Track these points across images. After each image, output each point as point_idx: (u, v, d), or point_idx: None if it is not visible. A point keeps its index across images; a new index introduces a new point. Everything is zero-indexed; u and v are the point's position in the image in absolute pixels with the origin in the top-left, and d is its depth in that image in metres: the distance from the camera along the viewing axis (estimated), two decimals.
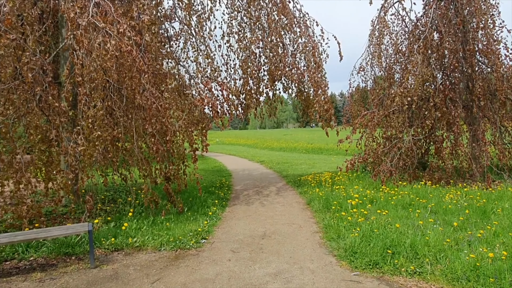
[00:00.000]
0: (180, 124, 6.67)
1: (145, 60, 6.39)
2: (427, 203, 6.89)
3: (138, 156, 6.16)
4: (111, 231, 5.50)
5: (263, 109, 10.21)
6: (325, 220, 6.17)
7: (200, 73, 7.33)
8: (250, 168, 15.75)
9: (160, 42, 6.41)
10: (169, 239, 5.26)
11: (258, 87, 8.95)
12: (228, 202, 8.28)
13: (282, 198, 8.58)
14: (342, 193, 7.90)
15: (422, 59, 7.93)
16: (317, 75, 8.38)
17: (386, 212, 6.10)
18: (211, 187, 9.83)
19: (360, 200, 6.89)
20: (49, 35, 6.93)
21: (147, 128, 5.83)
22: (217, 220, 6.53)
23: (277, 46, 8.43)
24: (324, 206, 7.11)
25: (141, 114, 6.10)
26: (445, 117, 8.34)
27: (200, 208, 7.21)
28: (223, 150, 28.65)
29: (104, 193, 7.92)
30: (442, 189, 8.20)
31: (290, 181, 11.05)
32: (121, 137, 6.00)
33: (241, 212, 7.23)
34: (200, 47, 7.67)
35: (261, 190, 9.87)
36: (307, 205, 7.75)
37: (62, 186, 5.69)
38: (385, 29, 9.76)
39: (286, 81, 9.48)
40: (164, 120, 6.02)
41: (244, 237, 5.57)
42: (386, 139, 10.45)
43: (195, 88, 7.10)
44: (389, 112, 10.20)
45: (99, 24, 4.98)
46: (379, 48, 9.84)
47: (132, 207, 7.03)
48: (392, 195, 7.67)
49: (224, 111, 7.32)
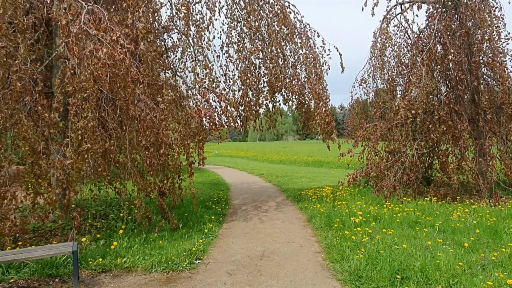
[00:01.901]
0: (175, 137, 6.39)
1: (140, 69, 6.16)
2: (434, 221, 6.56)
3: (131, 170, 5.86)
4: (99, 250, 5.16)
5: (262, 121, 9.94)
6: (328, 239, 5.83)
7: (197, 83, 7.08)
8: (249, 181, 15.41)
9: (156, 51, 6.18)
10: (161, 259, 4.91)
11: (257, 98, 8.70)
12: (226, 218, 7.94)
13: (282, 214, 8.24)
14: (345, 209, 7.57)
15: (426, 71, 7.70)
16: (318, 86, 8.15)
17: (392, 232, 5.76)
18: (208, 202, 9.50)
19: (364, 218, 6.55)
20: (42, 43, 6.71)
21: (141, 140, 5.55)
22: (213, 238, 6.19)
23: (278, 57, 8.22)
24: (326, 224, 6.77)
25: (135, 125, 5.83)
26: (451, 131, 8.07)
27: (195, 225, 6.87)
28: (222, 162, 28.32)
29: (95, 207, 7.58)
30: (449, 205, 7.87)
31: (290, 196, 10.71)
32: (113, 149, 5.71)
33: (239, 229, 6.89)
34: (198, 57, 7.45)
35: (260, 205, 9.52)
36: (307, 222, 7.41)
37: (49, 201, 5.38)
38: (388, 41, 9.57)
39: (287, 92, 9.25)
40: (158, 132, 5.74)
41: (242, 257, 5.22)
42: (389, 153, 10.17)
43: (192, 99, 6.85)
44: (392, 125, 9.94)
45: (91, 31, 4.75)
46: (381, 60, 9.64)
47: (124, 223, 6.70)
48: (396, 212, 7.34)
49: (222, 123, 7.04)
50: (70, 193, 5.14)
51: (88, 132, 5.27)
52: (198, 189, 13.06)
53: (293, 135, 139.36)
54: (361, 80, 11.49)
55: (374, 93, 11.70)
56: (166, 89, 6.76)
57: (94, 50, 4.72)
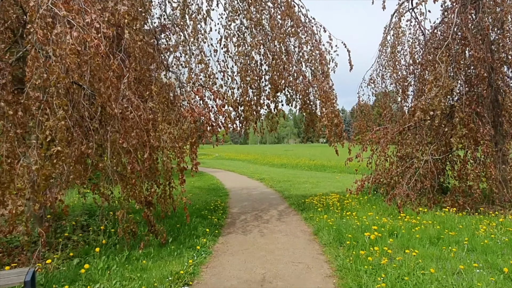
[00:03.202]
0: (165, 139, 5.61)
1: (125, 62, 5.40)
2: (458, 237, 5.76)
3: (112, 176, 5.07)
4: (70, 273, 4.36)
5: (263, 123, 9.14)
6: (339, 259, 5.02)
7: (191, 79, 6.30)
8: (249, 186, 14.60)
9: (143, 41, 5.41)
10: (141, 286, 4.11)
11: (258, 98, 7.92)
12: (222, 230, 7.13)
13: (285, 225, 7.43)
14: (355, 221, 6.76)
15: (445, 68, 6.92)
16: (325, 85, 7.36)
17: (416, 252, 4.92)
18: (204, 210, 8.69)
19: (379, 233, 5.74)
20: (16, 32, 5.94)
21: (122, 142, 4.76)
22: (206, 256, 5.38)
23: (281, 52, 7.44)
24: (335, 239, 5.96)
25: (116, 125, 5.04)
26: (472, 135, 7.27)
27: (187, 239, 6.06)
28: (222, 165, 27.52)
29: (76, 218, 6.79)
30: (470, 217, 7.06)
31: (293, 204, 9.90)
32: (91, 153, 4.92)
33: (237, 244, 6.08)
34: (194, 51, 6.68)
35: (261, 214, 8.72)
36: (314, 235, 6.60)
37: (15, 211, 4.58)
38: (401, 36, 8.79)
39: (290, 92, 8.48)
40: (143, 133, 4.96)
41: (239, 282, 4.42)
42: (400, 158, 9.38)
43: (185, 97, 6.07)
44: (404, 128, 9.16)
45: (60, 13, 3.98)
46: (393, 57, 8.86)
47: (106, 237, 5.91)
48: (413, 225, 6.54)
49: (218, 124, 6.25)
50: (35, 204, 4.34)
51: (59, 133, 4.48)
52: (194, 195, 12.29)
53: (294, 138, 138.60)
54: (369, 80, 10.72)
55: (383, 94, 10.94)
56: (156, 85, 5.98)
57: (62, 33, 3.94)
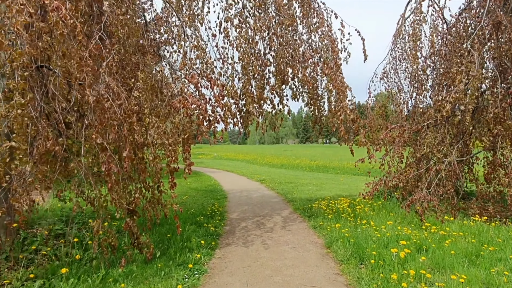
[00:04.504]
0: (152, 134, 4.67)
1: (105, 42, 4.46)
2: (500, 253, 4.86)
3: (86, 179, 4.14)
4: None
5: (266, 120, 8.19)
6: (363, 283, 4.09)
7: (185, 65, 5.37)
8: (249, 188, 13.67)
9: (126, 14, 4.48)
10: None
11: (262, 89, 6.98)
12: (220, 240, 6.19)
13: (291, 235, 6.50)
14: (375, 232, 5.84)
15: (478, 57, 6.00)
16: (339, 75, 6.44)
17: (464, 278, 3.96)
18: (200, 216, 7.75)
19: (408, 249, 4.81)
20: None
21: (95, 137, 3.82)
22: (200, 276, 4.44)
23: (288, 38, 6.50)
24: (354, 255, 5.02)
25: (91, 117, 4.10)
26: (509, 133, 6.35)
27: (178, 253, 5.12)
28: (220, 166, 26.59)
29: (51, 225, 5.84)
30: (506, 228, 6.15)
31: (298, 208, 8.97)
32: (58, 150, 3.98)
33: (237, 260, 5.14)
34: (188, 33, 5.75)
35: (263, 220, 7.78)
36: (327, 248, 5.66)
37: None
38: (423, 23, 7.87)
39: (296, 85, 7.57)
40: (123, 127, 4.02)
41: None
42: (418, 159, 8.46)
43: (177, 85, 5.15)
44: (423, 126, 8.24)
45: None
46: (414, 46, 7.93)
47: (82, 250, 4.97)
48: (442, 237, 5.62)
49: (216, 117, 5.30)
50: None
51: (16, 125, 3.55)
52: (190, 197, 11.34)
53: (293, 138, 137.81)
54: (382, 74, 9.80)
55: (396, 89, 10.03)
56: (144, 72, 5.04)
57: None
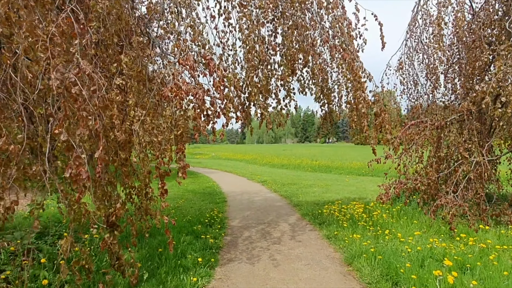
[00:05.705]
0: (137, 129, 3.77)
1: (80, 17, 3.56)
2: None
3: (48, 186, 3.23)
4: None
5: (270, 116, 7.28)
6: None
7: (178, 47, 4.46)
8: (250, 190, 12.76)
9: None
10: None
11: (268, 80, 6.08)
12: (220, 255, 5.29)
13: (303, 247, 5.61)
14: (405, 246, 4.95)
15: None
16: (358, 62, 5.56)
17: None
18: (197, 224, 6.83)
19: (455, 271, 3.93)
20: None
21: (58, 133, 2.91)
22: None
23: (299, 18, 5.61)
24: (384, 276, 4.14)
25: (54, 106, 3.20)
26: None
27: (170, 275, 4.21)
28: (218, 166, 25.67)
29: (20, 238, 4.91)
30: None
31: (306, 214, 8.08)
32: (13, 150, 3.07)
33: (241, 282, 4.24)
34: (181, 11, 4.84)
35: (269, 229, 6.89)
36: (347, 265, 4.77)
37: None
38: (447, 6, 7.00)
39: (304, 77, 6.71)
40: (96, 120, 3.11)
41: None
42: (441, 159, 7.60)
43: (168, 71, 4.25)
44: (446, 122, 7.38)
45: None
46: (438, 33, 7.04)
47: (53, 272, 4.06)
48: (483, 252, 4.75)
49: (216, 110, 4.40)
50: None
51: None
52: (187, 200, 10.40)
53: (291, 138, 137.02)
54: (398, 66, 8.93)
55: (412, 82, 9.18)
56: (128, 55, 4.14)
57: None
